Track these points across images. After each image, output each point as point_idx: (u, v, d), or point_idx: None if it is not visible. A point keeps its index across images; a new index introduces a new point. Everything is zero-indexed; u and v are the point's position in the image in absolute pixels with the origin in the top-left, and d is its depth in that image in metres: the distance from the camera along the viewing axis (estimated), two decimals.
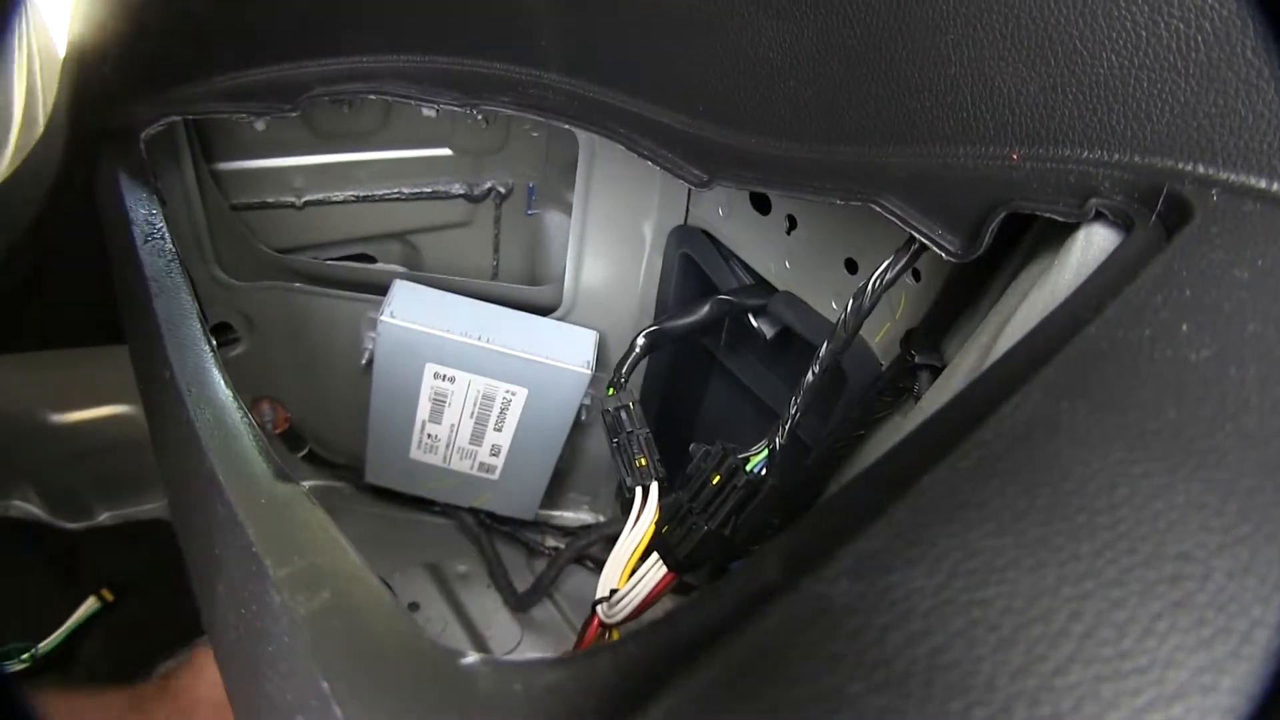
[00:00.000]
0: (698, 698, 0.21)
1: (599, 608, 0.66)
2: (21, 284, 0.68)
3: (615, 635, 0.67)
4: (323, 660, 0.26)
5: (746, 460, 0.63)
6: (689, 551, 0.64)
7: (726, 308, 0.75)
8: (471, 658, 0.25)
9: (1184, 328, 0.28)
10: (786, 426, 0.63)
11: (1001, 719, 0.19)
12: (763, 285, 0.76)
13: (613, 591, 0.66)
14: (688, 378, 0.93)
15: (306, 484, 0.92)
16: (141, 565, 0.61)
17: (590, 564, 0.97)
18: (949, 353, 0.58)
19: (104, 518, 0.88)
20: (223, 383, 0.43)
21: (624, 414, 0.73)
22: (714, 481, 0.64)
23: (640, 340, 0.75)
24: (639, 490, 0.68)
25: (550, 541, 1.02)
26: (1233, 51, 0.34)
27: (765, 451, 0.63)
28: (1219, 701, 0.19)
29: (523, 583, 0.94)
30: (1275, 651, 0.20)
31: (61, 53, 0.61)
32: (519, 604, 0.92)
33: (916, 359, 0.57)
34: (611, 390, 0.75)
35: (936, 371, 0.57)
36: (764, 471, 0.63)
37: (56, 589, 0.77)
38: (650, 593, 0.65)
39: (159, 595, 0.64)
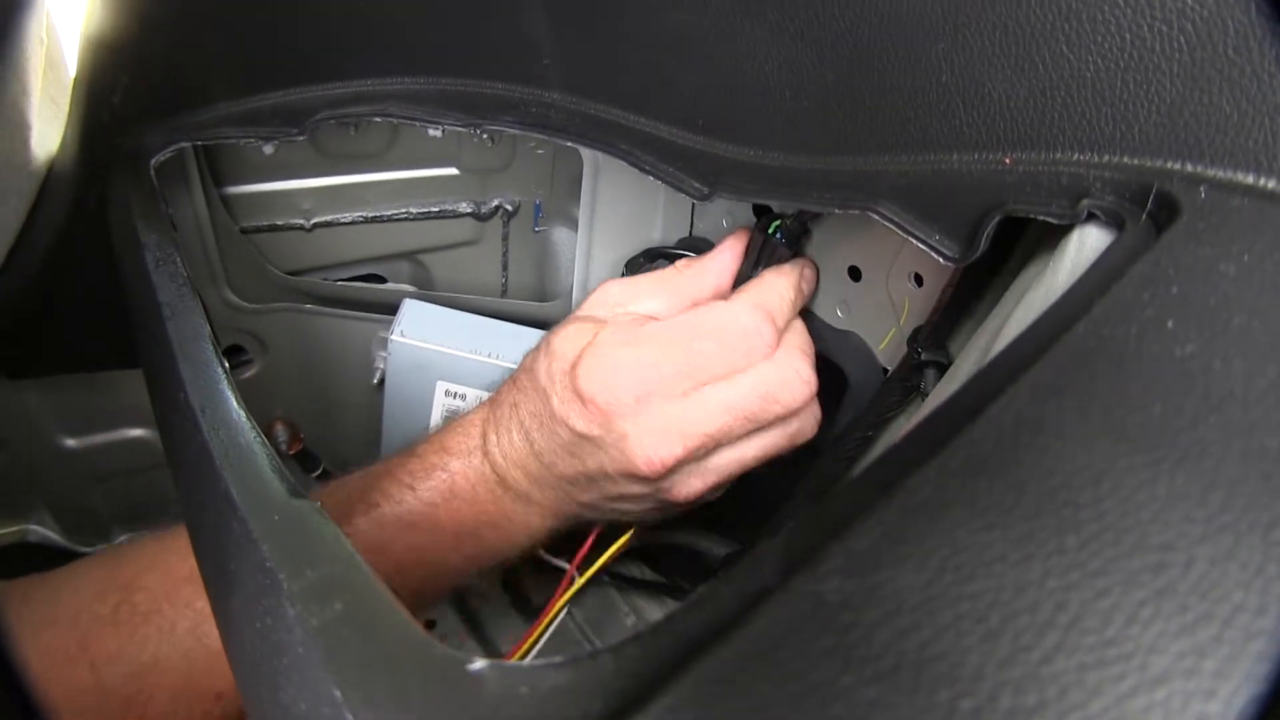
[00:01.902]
0: (695, 695, 0.21)
1: None
2: (37, 309, 0.69)
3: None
4: (335, 670, 0.27)
5: None
6: None
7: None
8: (479, 663, 0.25)
9: (1170, 323, 0.29)
10: None
11: (988, 708, 0.20)
12: None
13: None
14: None
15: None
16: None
17: (606, 577, 0.97)
18: (954, 352, 0.58)
19: (120, 540, 0.88)
20: (236, 404, 0.43)
21: None
22: None
23: None
24: None
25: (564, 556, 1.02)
26: (1215, 50, 0.35)
27: None
28: (1201, 685, 0.20)
29: (539, 597, 0.95)
30: (1256, 634, 0.21)
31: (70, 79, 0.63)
32: (533, 616, 0.92)
33: (923, 356, 0.58)
34: None
35: (943, 368, 0.57)
36: None
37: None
38: None
39: None
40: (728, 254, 0.67)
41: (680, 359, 0.58)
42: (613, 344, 0.60)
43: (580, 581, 0.74)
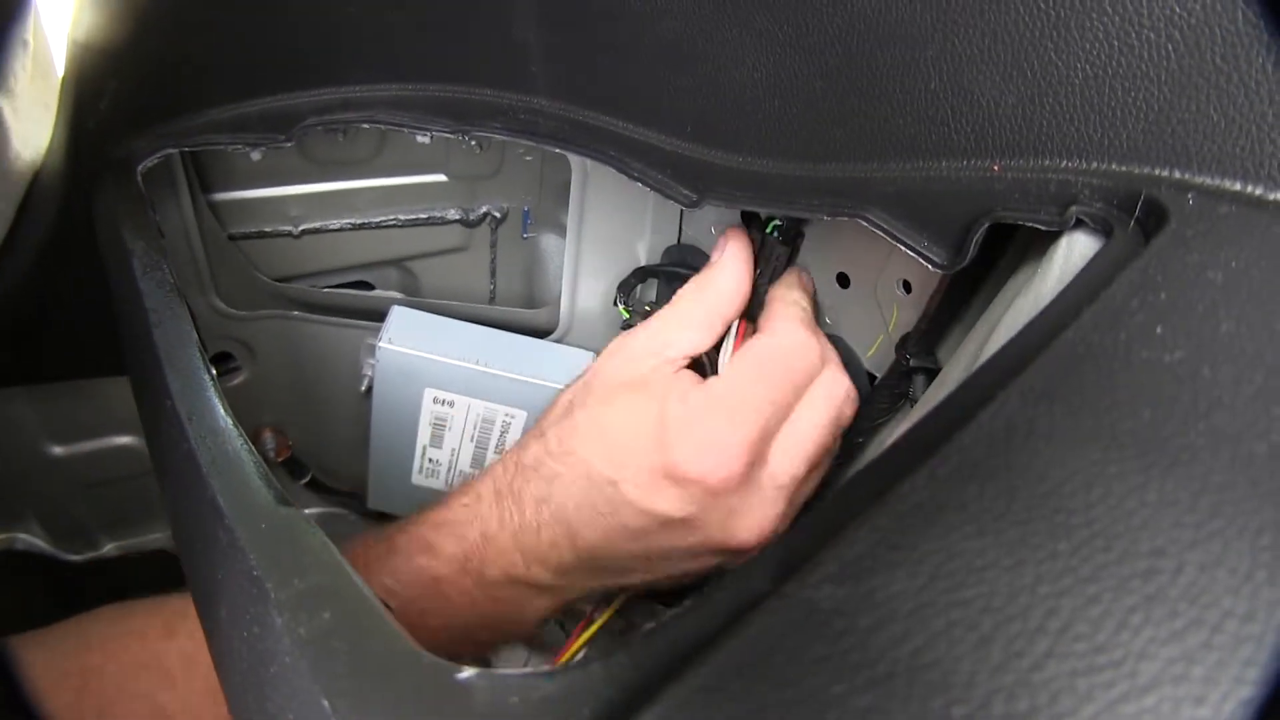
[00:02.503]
0: (687, 703, 0.21)
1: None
2: (23, 316, 0.68)
3: None
4: (324, 679, 0.27)
5: None
6: None
7: None
8: (468, 672, 0.25)
9: (1159, 330, 0.29)
10: None
11: (980, 715, 0.20)
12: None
13: None
14: None
15: (309, 511, 0.92)
16: (146, 596, 0.62)
17: None
18: (943, 359, 0.58)
19: (108, 549, 0.88)
20: (223, 412, 0.43)
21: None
22: None
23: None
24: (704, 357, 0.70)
25: None
26: (1202, 58, 0.35)
27: None
28: (1190, 690, 0.20)
29: None
30: (1245, 640, 0.21)
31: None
32: None
33: (912, 362, 0.58)
34: (625, 311, 0.81)
35: (932, 375, 0.58)
36: None
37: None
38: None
39: None
40: (739, 261, 0.64)
41: (763, 410, 0.55)
42: (695, 417, 0.56)
43: (608, 613, 0.75)
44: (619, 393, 0.59)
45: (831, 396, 0.59)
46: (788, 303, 0.62)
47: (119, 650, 0.55)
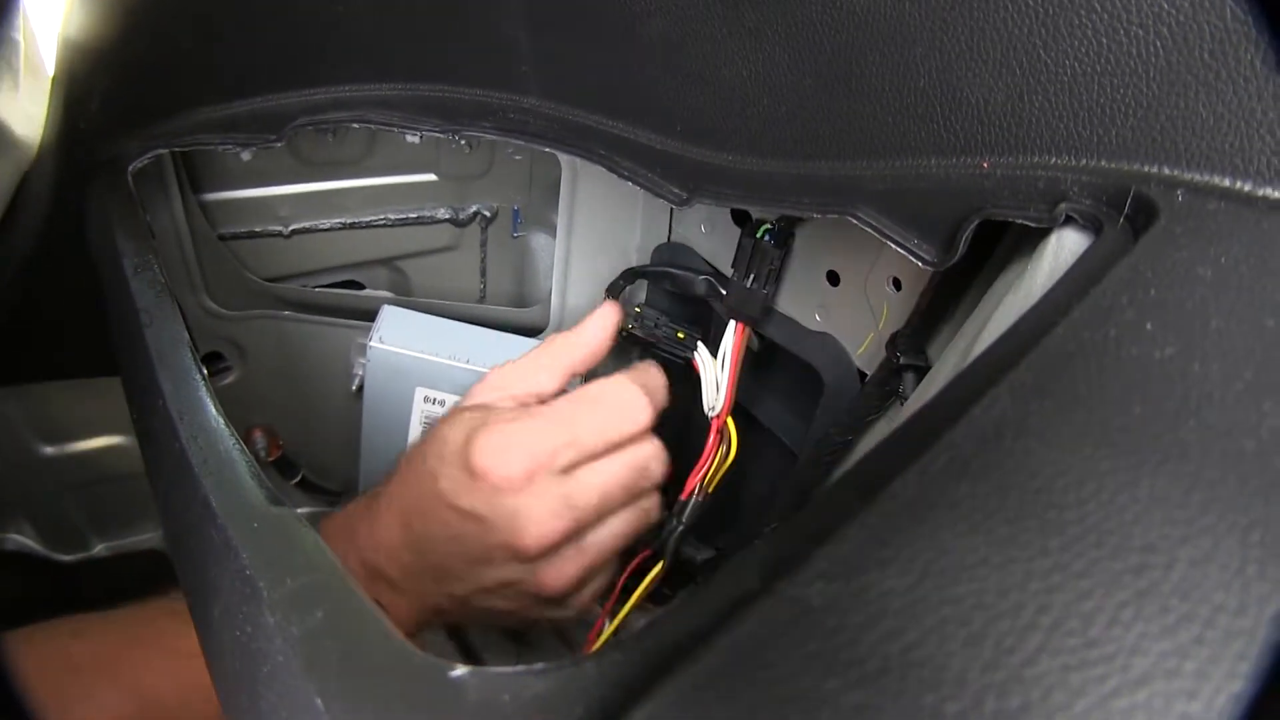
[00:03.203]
0: (679, 701, 0.21)
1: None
2: (14, 316, 0.68)
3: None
4: (316, 678, 0.27)
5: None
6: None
7: (716, 294, 0.76)
8: (460, 670, 0.25)
9: (1149, 326, 0.29)
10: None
11: (973, 711, 0.20)
12: None
13: None
14: (678, 395, 0.94)
15: (301, 511, 0.92)
16: (138, 597, 0.61)
17: None
18: (933, 356, 0.58)
19: (99, 549, 0.88)
20: (214, 411, 0.43)
21: (635, 323, 0.80)
22: None
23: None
24: (695, 355, 0.75)
25: None
26: (1190, 54, 0.35)
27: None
28: (1183, 685, 0.20)
29: None
30: (1236, 634, 0.21)
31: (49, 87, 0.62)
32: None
33: (902, 360, 0.58)
34: None
35: (922, 372, 0.58)
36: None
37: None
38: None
39: None
40: (597, 322, 0.69)
41: (566, 433, 0.60)
42: (502, 421, 0.61)
43: (612, 626, 0.76)
44: (464, 412, 0.64)
45: (637, 458, 0.63)
46: (641, 369, 0.67)
47: (106, 632, 0.57)
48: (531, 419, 0.61)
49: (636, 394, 0.63)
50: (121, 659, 0.55)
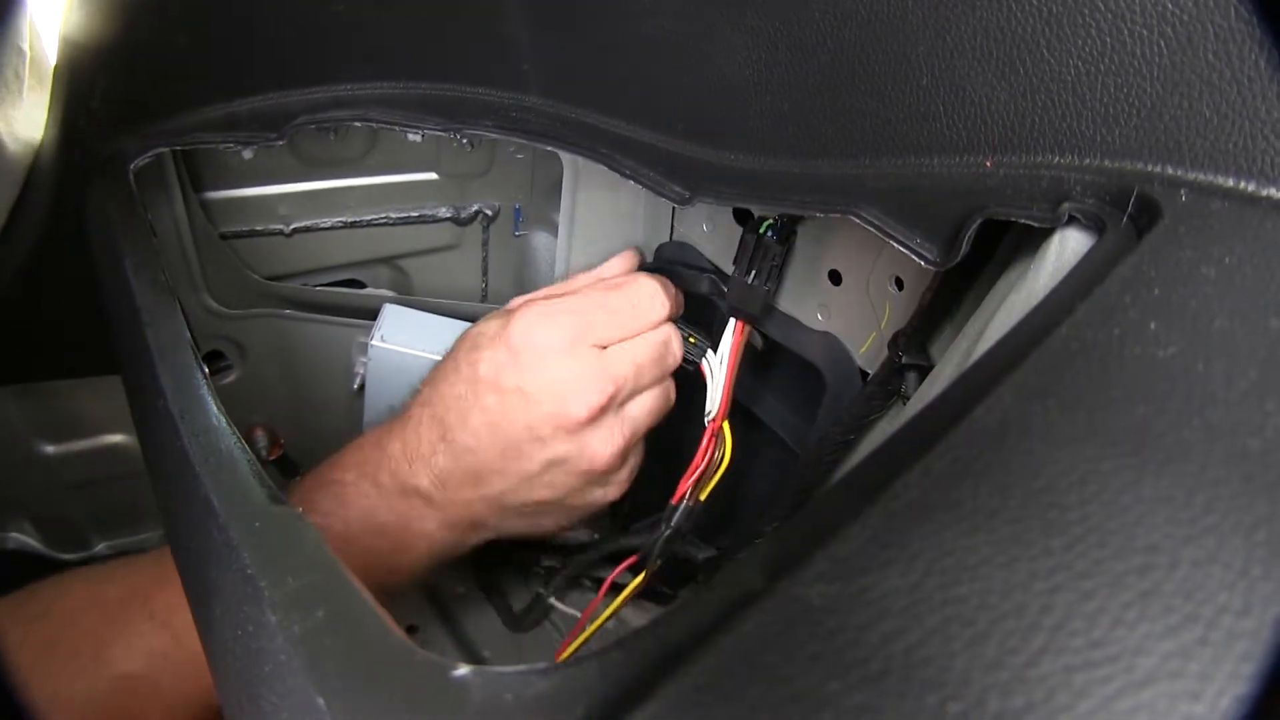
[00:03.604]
0: (681, 701, 0.21)
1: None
2: (15, 315, 0.68)
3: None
4: (318, 678, 0.26)
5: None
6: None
7: (718, 292, 0.76)
8: (462, 670, 0.25)
9: (1152, 326, 0.29)
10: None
11: (976, 711, 0.20)
12: None
13: None
14: (679, 395, 0.94)
15: (302, 510, 0.92)
16: None
17: (588, 582, 0.96)
18: (935, 356, 0.58)
19: (100, 548, 0.88)
20: (216, 410, 0.43)
21: None
22: None
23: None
24: (704, 362, 0.75)
25: (546, 561, 1.02)
26: (1194, 54, 0.35)
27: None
28: (1186, 686, 0.20)
29: (520, 602, 0.94)
30: (1240, 635, 0.21)
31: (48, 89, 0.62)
32: (516, 624, 0.91)
33: (904, 359, 0.58)
34: None
35: (924, 372, 0.58)
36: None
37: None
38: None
39: None
40: (618, 264, 0.74)
41: (600, 310, 0.64)
42: (536, 303, 0.64)
43: (594, 627, 0.77)
44: (490, 318, 0.68)
45: (660, 338, 0.67)
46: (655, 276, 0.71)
47: (134, 573, 0.58)
48: (565, 300, 0.64)
49: (656, 286, 0.67)
50: (153, 596, 0.56)
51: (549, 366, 0.61)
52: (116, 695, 0.53)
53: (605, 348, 0.64)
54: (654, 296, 0.67)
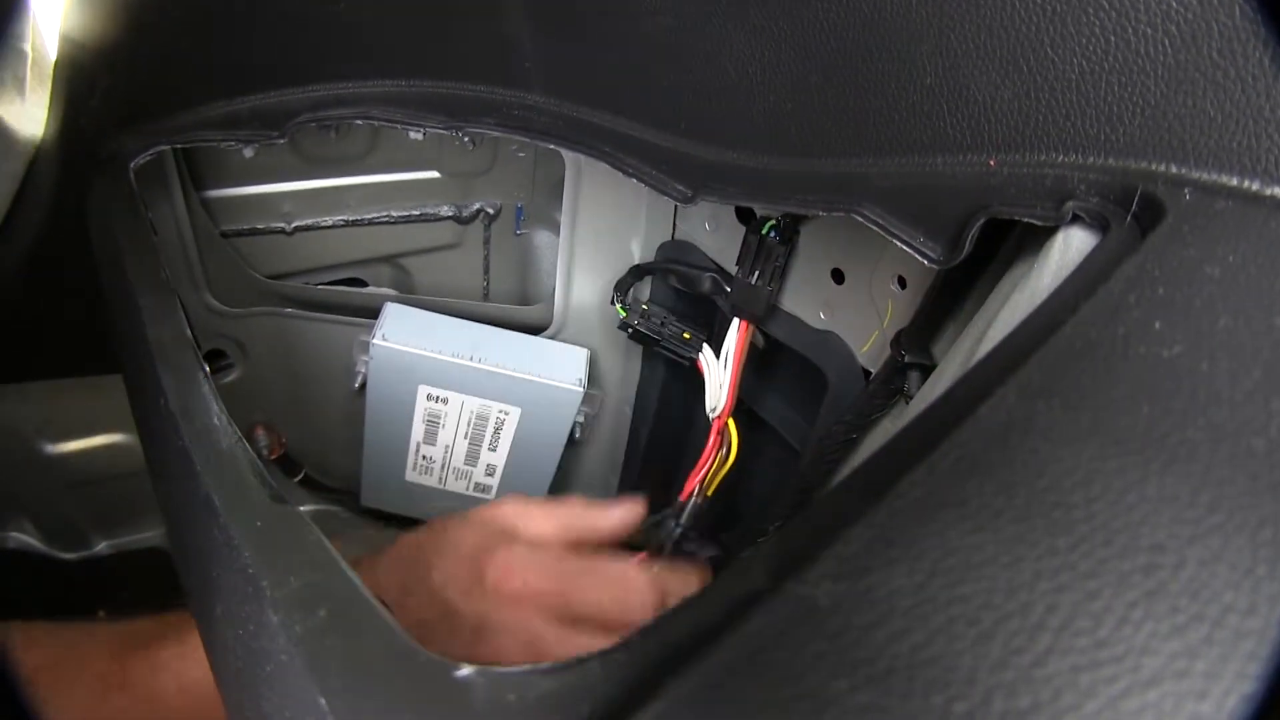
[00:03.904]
0: (686, 700, 0.21)
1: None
2: (15, 314, 0.68)
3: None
4: (319, 678, 0.26)
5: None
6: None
7: (720, 291, 0.76)
8: (465, 669, 0.25)
9: (1157, 325, 0.29)
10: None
11: (981, 711, 0.20)
12: None
13: None
14: (681, 394, 0.94)
15: (303, 508, 0.92)
16: (140, 595, 0.61)
17: None
18: (938, 355, 0.58)
19: (101, 547, 0.88)
20: (217, 409, 0.43)
21: (641, 320, 0.82)
22: None
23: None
24: (701, 356, 0.76)
25: None
26: (1199, 53, 0.35)
27: None
28: (1193, 685, 0.20)
29: None
30: (1246, 634, 0.21)
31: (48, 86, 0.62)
32: None
33: (907, 358, 0.58)
34: (621, 309, 0.82)
35: (927, 370, 0.58)
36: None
37: (55, 620, 0.78)
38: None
39: None
40: (628, 510, 0.65)
41: (571, 588, 0.57)
42: (522, 546, 0.58)
43: None
44: (472, 521, 0.61)
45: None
46: (672, 573, 0.63)
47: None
48: (554, 560, 0.58)
49: (651, 596, 0.59)
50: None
51: (502, 609, 0.55)
52: None
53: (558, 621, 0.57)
54: (636, 607, 0.59)
